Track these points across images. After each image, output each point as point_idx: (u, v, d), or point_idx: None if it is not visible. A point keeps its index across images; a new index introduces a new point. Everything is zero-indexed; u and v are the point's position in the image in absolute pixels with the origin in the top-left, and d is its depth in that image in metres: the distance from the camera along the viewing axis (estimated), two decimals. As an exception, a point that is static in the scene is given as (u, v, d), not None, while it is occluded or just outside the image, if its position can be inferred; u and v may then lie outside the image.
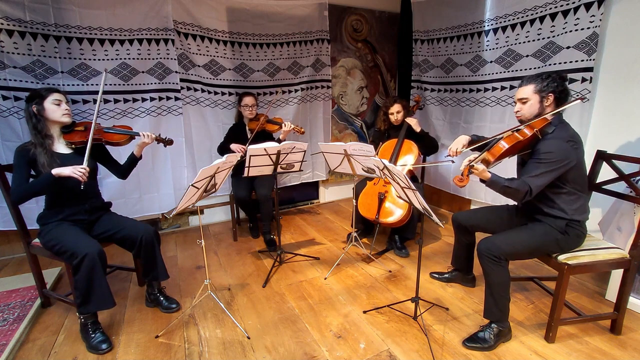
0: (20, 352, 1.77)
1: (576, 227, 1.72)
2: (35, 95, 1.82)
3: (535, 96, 1.68)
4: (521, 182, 1.62)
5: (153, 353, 1.75)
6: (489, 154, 1.64)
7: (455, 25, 3.19)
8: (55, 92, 1.86)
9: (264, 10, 3.26)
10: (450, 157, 1.93)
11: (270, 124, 2.92)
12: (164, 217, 3.31)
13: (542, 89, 1.66)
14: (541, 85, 1.66)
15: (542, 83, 1.66)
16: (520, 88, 1.74)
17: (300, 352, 1.74)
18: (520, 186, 1.61)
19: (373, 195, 2.70)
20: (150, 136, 2.07)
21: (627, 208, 2.01)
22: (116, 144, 2.01)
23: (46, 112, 1.81)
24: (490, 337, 1.74)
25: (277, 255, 2.61)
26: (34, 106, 1.80)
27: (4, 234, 2.73)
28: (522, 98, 1.72)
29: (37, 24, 2.46)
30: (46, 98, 1.81)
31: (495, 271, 1.71)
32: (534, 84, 1.68)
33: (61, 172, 1.72)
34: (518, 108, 1.75)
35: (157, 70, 2.91)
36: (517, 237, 1.77)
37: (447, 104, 3.44)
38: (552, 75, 1.68)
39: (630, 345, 1.75)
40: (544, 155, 1.61)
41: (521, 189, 1.61)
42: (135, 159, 2.13)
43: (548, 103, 1.68)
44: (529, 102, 1.70)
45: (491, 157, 1.63)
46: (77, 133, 1.94)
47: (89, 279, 1.70)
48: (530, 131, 1.62)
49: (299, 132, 2.85)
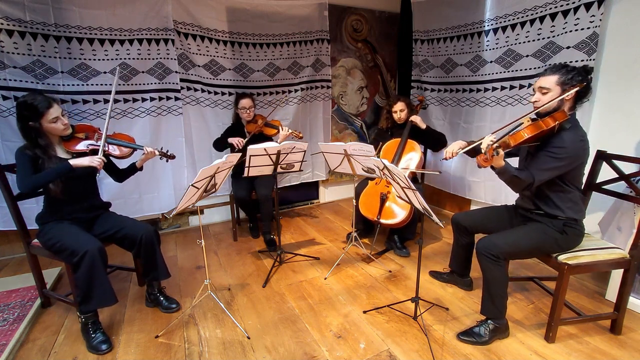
0: (20, 352, 1.77)
1: (574, 226, 1.72)
2: (31, 113, 1.71)
3: (557, 88, 1.59)
4: (528, 174, 1.61)
5: (153, 353, 1.75)
6: (511, 139, 1.57)
7: (455, 25, 3.19)
8: (50, 106, 1.74)
9: (264, 10, 3.26)
10: (447, 159, 1.92)
11: (268, 127, 2.92)
12: (164, 217, 3.31)
13: (566, 82, 1.57)
14: (565, 78, 1.57)
15: (566, 75, 1.57)
16: (542, 77, 1.64)
17: (300, 352, 1.74)
18: (526, 177, 1.60)
19: (375, 195, 2.70)
20: (153, 152, 2.04)
21: (627, 208, 2.01)
22: (119, 157, 2.01)
23: (44, 129, 1.78)
24: (485, 332, 1.76)
25: (277, 255, 2.61)
26: (30, 124, 1.73)
27: (4, 234, 2.72)
28: (543, 87, 1.62)
29: (37, 24, 2.46)
30: (43, 116, 1.73)
31: (493, 270, 1.72)
32: (558, 74, 1.59)
33: (80, 163, 1.75)
34: (537, 98, 1.66)
35: (157, 70, 2.91)
36: (516, 237, 1.77)
37: (447, 104, 3.44)
38: (578, 69, 1.59)
39: (630, 345, 1.75)
40: (557, 150, 1.57)
41: (526, 180, 1.60)
42: (136, 169, 2.14)
43: (569, 98, 1.60)
44: (550, 93, 1.61)
45: (512, 142, 1.57)
46: (76, 140, 1.92)
47: (90, 275, 1.70)
48: (552, 122, 1.54)
49: (297, 136, 2.85)
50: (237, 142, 2.82)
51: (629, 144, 2.14)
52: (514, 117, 2.74)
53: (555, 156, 1.58)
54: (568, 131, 1.60)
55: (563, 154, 1.57)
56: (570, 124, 1.61)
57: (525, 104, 2.69)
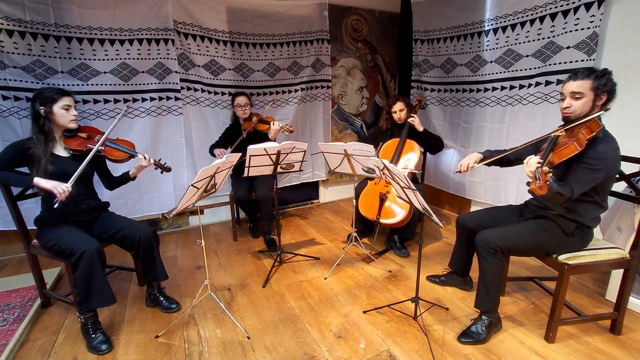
0: (20, 352, 1.77)
1: (584, 231, 1.71)
2: (46, 97, 1.78)
3: (591, 93, 1.53)
4: (568, 188, 1.53)
5: (153, 353, 1.75)
6: (555, 157, 1.51)
7: (455, 25, 3.19)
8: (66, 95, 1.83)
9: (264, 10, 3.26)
10: (461, 173, 1.90)
11: (261, 123, 2.92)
12: (164, 217, 3.31)
13: (599, 87, 1.53)
14: (598, 83, 1.52)
15: (599, 80, 1.52)
16: (573, 82, 1.57)
17: (300, 352, 1.74)
18: (568, 192, 1.52)
19: (374, 195, 2.70)
20: (149, 160, 2.01)
21: (627, 208, 2.01)
22: (115, 160, 1.98)
23: (54, 116, 1.80)
24: (482, 329, 1.77)
25: (277, 255, 2.61)
26: (42, 108, 1.77)
27: (4, 234, 2.73)
28: (577, 92, 1.55)
29: (37, 24, 2.46)
30: (56, 102, 1.79)
31: (490, 262, 1.72)
32: (591, 79, 1.53)
33: (42, 185, 1.72)
34: (568, 104, 1.58)
35: (157, 70, 2.91)
36: (517, 231, 1.76)
37: (447, 104, 3.44)
38: (607, 74, 1.54)
39: (630, 345, 1.75)
40: (595, 161, 1.51)
41: (567, 195, 1.52)
42: (129, 178, 2.12)
43: (600, 103, 1.55)
44: (584, 99, 1.54)
45: (557, 159, 1.51)
46: (78, 139, 1.92)
47: (88, 276, 1.70)
48: (590, 134, 1.48)
49: (287, 131, 2.80)
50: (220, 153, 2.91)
51: (629, 144, 2.12)
52: (514, 117, 2.80)
53: (594, 167, 1.52)
54: (602, 140, 1.54)
55: (601, 165, 1.51)
56: (602, 132, 1.56)
57: (526, 104, 2.69)
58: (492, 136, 3.00)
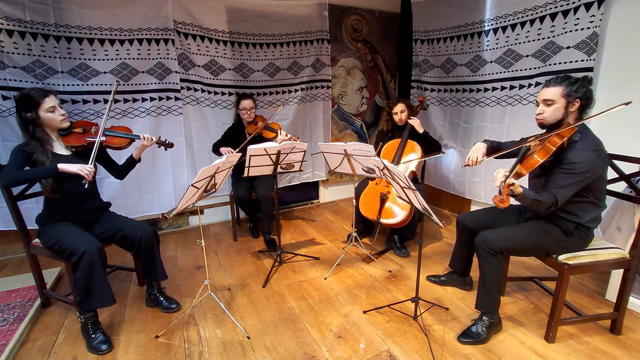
0: (20, 352, 1.77)
1: (583, 231, 1.71)
2: (28, 103, 1.74)
3: (562, 100, 1.58)
4: (549, 194, 1.56)
5: (153, 353, 1.75)
6: (523, 168, 1.54)
7: (455, 25, 3.19)
8: (46, 96, 1.77)
9: (264, 10, 3.26)
10: (470, 166, 1.90)
11: (267, 130, 2.92)
12: (164, 217, 3.31)
13: (570, 93, 1.57)
14: (569, 89, 1.57)
15: (570, 87, 1.57)
16: (546, 89, 1.63)
17: (300, 352, 1.74)
18: (548, 198, 1.55)
19: (375, 195, 2.70)
20: (150, 139, 2.05)
21: (627, 208, 2.01)
22: (117, 147, 2.00)
23: (42, 120, 1.78)
24: (483, 330, 1.77)
25: (277, 255, 2.61)
26: (28, 115, 1.74)
27: (4, 234, 2.73)
28: (548, 100, 1.61)
29: (37, 24, 2.46)
30: (40, 105, 1.75)
31: (491, 263, 1.73)
32: (562, 86, 1.58)
33: (67, 169, 1.71)
34: (541, 110, 1.64)
35: (157, 70, 2.91)
36: (516, 232, 1.77)
37: (447, 104, 3.44)
38: (581, 80, 1.59)
39: (630, 345, 1.75)
40: (571, 166, 1.53)
41: (549, 201, 1.55)
42: (134, 161, 2.13)
43: (573, 109, 1.59)
44: (555, 106, 1.60)
45: (525, 170, 1.54)
46: (74, 135, 1.92)
47: (89, 275, 1.70)
48: (560, 140, 1.51)
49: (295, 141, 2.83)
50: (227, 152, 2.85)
51: (629, 144, 2.13)
52: (514, 117, 2.79)
53: (571, 172, 1.54)
54: (579, 143, 1.56)
55: (579, 169, 1.52)
56: (579, 134, 1.58)
57: (526, 104, 2.69)
58: (492, 136, 2.99)
